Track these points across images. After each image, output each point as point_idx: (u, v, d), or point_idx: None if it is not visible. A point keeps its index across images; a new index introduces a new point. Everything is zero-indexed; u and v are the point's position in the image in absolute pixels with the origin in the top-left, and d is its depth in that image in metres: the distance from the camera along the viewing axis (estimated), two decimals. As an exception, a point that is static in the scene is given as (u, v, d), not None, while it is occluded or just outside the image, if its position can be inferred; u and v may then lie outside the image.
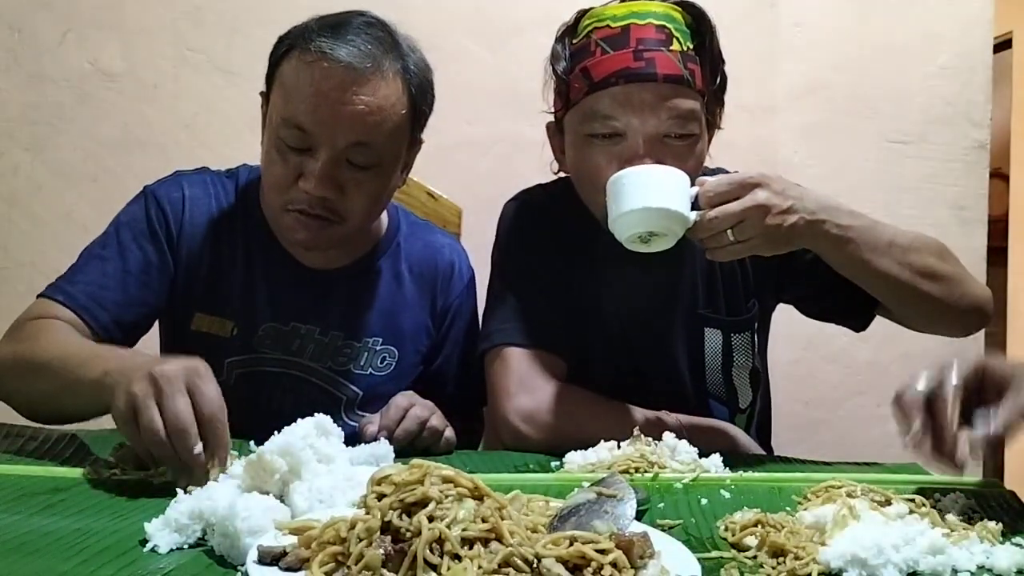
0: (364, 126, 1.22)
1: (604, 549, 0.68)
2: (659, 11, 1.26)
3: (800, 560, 0.79)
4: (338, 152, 1.23)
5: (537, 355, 1.32)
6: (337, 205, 1.26)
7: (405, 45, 1.28)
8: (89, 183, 1.93)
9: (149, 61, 1.93)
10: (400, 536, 0.67)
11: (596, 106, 1.25)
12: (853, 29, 1.99)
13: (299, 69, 1.23)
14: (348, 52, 1.20)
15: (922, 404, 0.94)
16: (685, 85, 1.24)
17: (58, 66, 1.92)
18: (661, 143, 1.24)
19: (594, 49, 1.26)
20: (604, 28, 1.26)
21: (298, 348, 1.37)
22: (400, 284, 1.43)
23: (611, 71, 1.24)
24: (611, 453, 1.14)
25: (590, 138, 1.27)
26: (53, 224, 1.93)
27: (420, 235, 1.48)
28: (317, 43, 1.21)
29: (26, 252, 1.93)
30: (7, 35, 1.92)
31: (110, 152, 1.93)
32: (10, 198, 1.93)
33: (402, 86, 1.26)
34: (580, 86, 1.27)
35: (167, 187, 1.37)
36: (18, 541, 0.80)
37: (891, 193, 1.99)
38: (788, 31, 1.98)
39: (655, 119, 1.23)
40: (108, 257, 1.31)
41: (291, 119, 1.22)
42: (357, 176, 1.25)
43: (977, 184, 2.01)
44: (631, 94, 1.23)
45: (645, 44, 1.24)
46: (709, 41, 1.28)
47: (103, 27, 1.93)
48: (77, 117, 1.93)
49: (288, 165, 1.25)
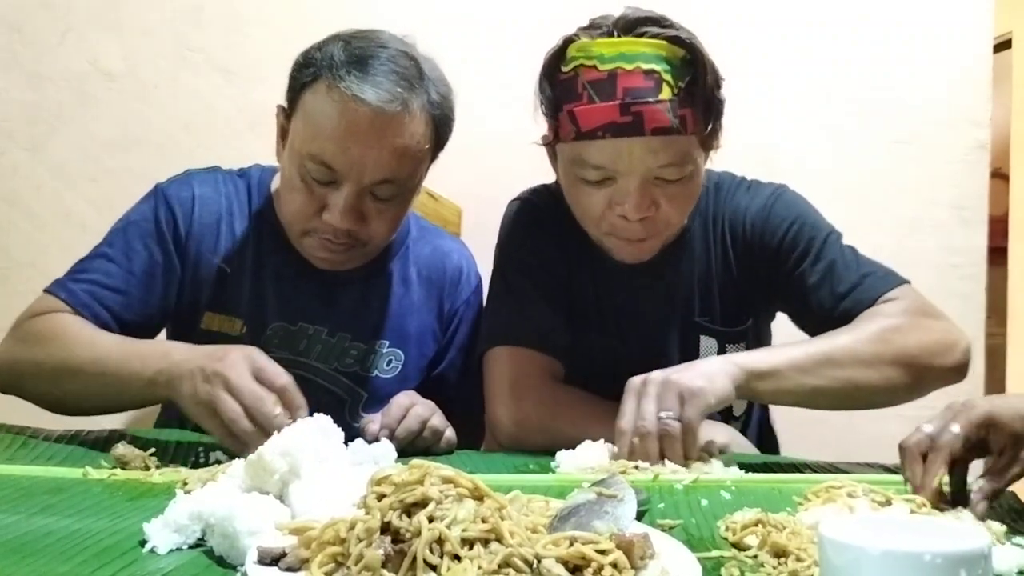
0: (391, 166, 1.24)
1: (604, 550, 0.68)
2: (648, 52, 1.21)
3: (802, 562, 0.78)
4: (363, 188, 1.25)
5: (534, 357, 1.32)
6: (360, 233, 1.28)
7: (429, 74, 1.28)
8: (89, 183, 1.93)
9: (149, 61, 1.93)
10: (400, 536, 0.66)
11: (584, 154, 1.24)
12: (853, 29, 1.99)
13: (326, 105, 1.22)
14: (377, 95, 1.20)
15: (924, 449, 0.96)
16: (675, 133, 1.21)
17: (58, 66, 1.92)
18: (654, 184, 1.24)
19: (581, 92, 1.22)
20: (591, 69, 1.22)
21: (305, 348, 1.37)
22: (408, 287, 1.44)
23: (598, 124, 1.21)
24: (601, 451, 1.15)
25: (580, 180, 1.26)
26: (53, 224, 1.93)
27: (429, 239, 1.49)
28: (347, 82, 1.20)
29: (26, 252, 1.93)
30: (7, 35, 1.92)
31: (110, 152, 1.93)
32: (10, 198, 1.93)
33: (427, 120, 1.27)
34: (568, 129, 1.24)
35: (177, 186, 1.38)
36: (18, 541, 0.80)
37: (891, 193, 1.99)
38: (788, 31, 1.97)
39: (644, 167, 1.22)
40: (113, 256, 1.32)
41: (318, 155, 1.23)
42: (380, 207, 1.28)
43: (977, 184, 2.01)
44: (619, 146, 1.21)
45: (632, 95, 1.19)
46: (703, 76, 1.23)
47: (103, 27, 1.92)
48: (77, 117, 1.93)
49: (312, 195, 1.26)
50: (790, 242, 1.36)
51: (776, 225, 1.37)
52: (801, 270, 1.34)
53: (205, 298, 1.36)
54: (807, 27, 1.99)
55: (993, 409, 0.95)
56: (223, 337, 1.35)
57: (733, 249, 1.40)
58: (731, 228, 1.40)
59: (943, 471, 0.94)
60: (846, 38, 1.99)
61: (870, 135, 2.00)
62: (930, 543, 0.60)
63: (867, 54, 1.99)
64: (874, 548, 0.61)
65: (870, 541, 0.61)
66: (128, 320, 1.29)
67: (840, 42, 1.99)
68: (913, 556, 0.59)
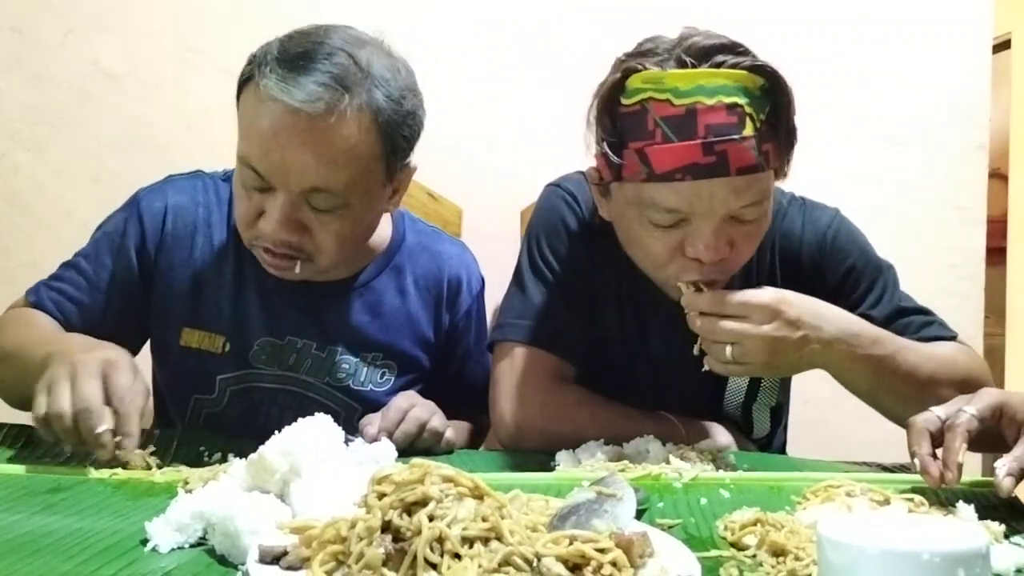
0: (318, 173, 1.14)
1: (604, 548, 0.68)
2: (729, 84, 1.10)
3: (800, 561, 0.79)
4: (295, 196, 1.16)
5: (544, 358, 1.29)
6: (304, 245, 1.20)
7: (378, 75, 1.16)
8: (90, 183, 1.93)
9: (150, 62, 1.93)
10: (400, 535, 0.67)
11: (657, 197, 1.12)
12: (853, 29, 1.99)
13: (252, 106, 1.16)
14: (297, 95, 1.11)
15: (933, 430, 0.97)
16: (760, 171, 1.12)
17: (59, 66, 1.92)
18: (729, 224, 1.14)
19: (653, 129, 1.10)
20: (665, 104, 1.09)
21: (295, 363, 1.33)
22: (403, 298, 1.39)
23: (677, 165, 1.09)
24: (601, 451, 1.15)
25: (647, 222, 1.16)
26: (54, 224, 1.93)
27: (426, 245, 1.42)
28: (268, 80, 1.12)
29: (27, 252, 1.93)
30: (9, 35, 1.92)
31: (111, 152, 1.93)
32: (11, 198, 1.93)
33: (367, 123, 1.15)
34: (637, 169, 1.12)
35: (151, 197, 1.34)
36: (19, 541, 0.80)
37: (890, 193, 1.99)
38: (788, 30, 1.97)
39: (726, 209, 1.12)
40: (82, 268, 1.31)
41: (245, 159, 1.17)
42: (322, 218, 1.18)
43: (976, 184, 2.01)
44: (699, 188, 1.10)
45: (715, 132, 1.08)
46: (785, 107, 1.14)
47: (104, 28, 1.93)
48: (78, 117, 1.93)
49: (251, 203, 1.19)
50: (853, 281, 1.30)
51: (838, 260, 1.31)
52: (861, 312, 1.26)
53: (181, 313, 1.31)
54: (807, 26, 1.99)
55: (1004, 396, 0.98)
56: (204, 354, 1.31)
57: (782, 277, 1.31)
58: (783, 253, 1.32)
59: (964, 448, 0.94)
60: (846, 38, 1.99)
61: (869, 135, 2.00)
62: (928, 542, 0.60)
63: (867, 54, 1.99)
64: (872, 547, 0.61)
65: (869, 540, 0.61)
66: (94, 333, 1.22)
67: (840, 42, 1.99)
68: (911, 555, 0.60)
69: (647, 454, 1.14)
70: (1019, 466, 0.93)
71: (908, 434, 0.99)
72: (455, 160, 1.94)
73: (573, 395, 1.29)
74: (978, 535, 0.63)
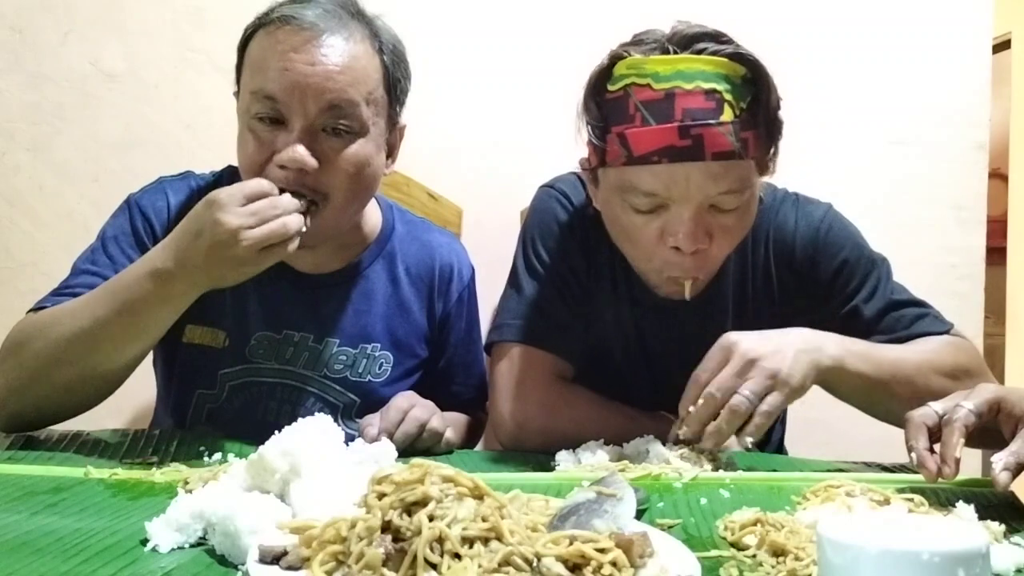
0: (335, 85, 1.18)
1: (604, 548, 0.68)
2: (708, 70, 1.12)
3: (800, 561, 0.79)
4: (312, 119, 1.19)
5: (543, 357, 1.29)
6: (318, 180, 1.20)
7: (376, 22, 1.26)
8: (90, 183, 1.93)
9: (150, 61, 1.93)
10: (400, 535, 0.67)
11: (635, 180, 1.15)
12: (853, 29, 1.99)
13: (264, 41, 1.21)
14: (312, 13, 1.20)
15: (930, 423, 0.97)
16: (736, 158, 1.13)
17: (59, 66, 1.92)
18: (708, 213, 1.16)
19: (633, 113, 1.13)
20: (645, 88, 1.12)
21: (292, 357, 1.34)
22: (396, 287, 1.40)
23: (654, 148, 1.12)
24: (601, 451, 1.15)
25: (629, 208, 1.18)
26: (54, 224, 1.93)
27: (416, 235, 1.45)
28: (279, 11, 1.21)
29: (27, 252, 1.93)
30: (8, 35, 1.92)
31: (111, 152, 1.93)
32: (11, 198, 1.93)
33: (371, 49, 1.23)
34: (617, 153, 1.15)
35: (151, 196, 1.34)
36: (19, 541, 0.81)
37: (890, 193, 1.99)
38: (788, 30, 1.97)
39: (702, 194, 1.14)
40: (98, 270, 1.26)
41: (261, 90, 1.19)
42: (335, 145, 1.21)
43: (976, 184, 2.01)
44: (675, 172, 1.13)
45: (692, 116, 1.11)
46: (766, 96, 1.16)
47: (104, 27, 1.93)
48: (78, 117, 1.93)
49: (262, 143, 1.20)
50: (846, 275, 1.31)
51: (831, 255, 1.32)
52: (854, 305, 1.29)
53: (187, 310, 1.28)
54: (807, 26, 1.99)
55: (1002, 392, 0.98)
56: (206, 350, 1.32)
57: (777, 271, 1.34)
58: (776, 249, 1.34)
59: (961, 443, 0.94)
60: (846, 37, 1.99)
61: (869, 135, 2.00)
62: (928, 542, 0.60)
63: (867, 54, 1.99)
64: (872, 547, 0.61)
65: (868, 540, 0.61)
66: None
67: (840, 41, 1.99)
68: (911, 555, 0.60)
69: (647, 454, 1.14)
70: (1015, 461, 0.93)
71: (906, 429, 0.99)
72: (455, 160, 1.94)
73: (572, 393, 1.30)
74: (978, 535, 0.63)
